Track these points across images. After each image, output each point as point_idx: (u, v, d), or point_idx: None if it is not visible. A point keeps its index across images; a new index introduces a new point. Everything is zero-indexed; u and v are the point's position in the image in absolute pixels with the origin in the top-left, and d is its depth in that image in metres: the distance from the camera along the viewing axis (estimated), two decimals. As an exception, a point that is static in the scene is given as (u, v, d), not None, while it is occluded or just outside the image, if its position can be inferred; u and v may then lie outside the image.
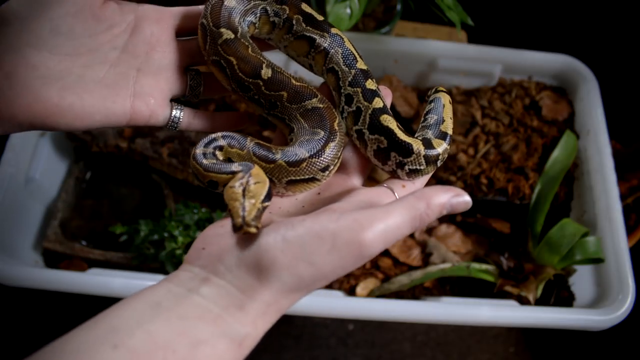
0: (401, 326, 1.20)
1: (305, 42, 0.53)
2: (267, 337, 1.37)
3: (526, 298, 0.90)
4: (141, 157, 1.04)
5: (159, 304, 0.37)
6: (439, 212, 0.41)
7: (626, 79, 1.32)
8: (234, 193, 0.42)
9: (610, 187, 0.95)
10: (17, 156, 0.96)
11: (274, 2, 0.53)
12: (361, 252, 0.38)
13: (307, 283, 0.38)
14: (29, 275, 0.85)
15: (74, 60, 0.46)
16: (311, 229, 0.38)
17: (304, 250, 0.38)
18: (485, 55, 1.07)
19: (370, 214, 0.39)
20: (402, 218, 0.39)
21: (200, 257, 0.40)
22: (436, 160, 0.49)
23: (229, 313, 0.37)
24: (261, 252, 0.38)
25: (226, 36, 0.49)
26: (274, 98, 0.50)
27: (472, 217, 1.03)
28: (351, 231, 0.38)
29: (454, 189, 0.42)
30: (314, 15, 0.53)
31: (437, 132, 0.51)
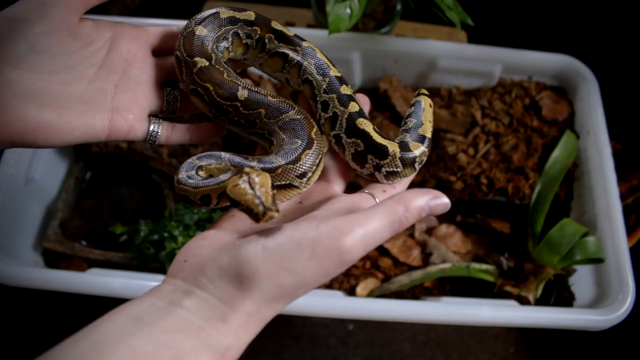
0: (401, 326, 1.20)
1: (279, 58, 0.55)
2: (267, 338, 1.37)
3: (526, 298, 0.90)
4: (141, 157, 1.04)
5: (142, 318, 0.37)
6: (417, 214, 0.41)
7: (626, 79, 1.32)
8: (241, 189, 0.42)
9: (610, 187, 0.95)
10: (17, 156, 0.97)
11: (244, 24, 0.55)
12: (341, 258, 0.39)
13: (288, 291, 0.39)
14: (29, 275, 0.86)
15: (52, 78, 0.46)
16: (291, 237, 0.39)
17: (285, 258, 0.38)
18: (485, 55, 1.07)
19: (350, 220, 0.39)
20: (382, 222, 0.40)
21: (183, 269, 0.41)
22: (413, 163, 0.50)
23: (211, 325, 0.38)
24: (242, 263, 0.38)
25: (200, 64, 0.50)
26: (253, 116, 0.51)
27: (472, 217, 1.03)
28: (331, 238, 0.38)
29: (432, 192, 0.42)
30: (285, 32, 0.55)
31: (415, 136, 0.51)
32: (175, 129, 0.54)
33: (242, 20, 0.55)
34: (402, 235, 1.03)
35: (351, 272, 0.99)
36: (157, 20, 1.02)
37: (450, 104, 1.08)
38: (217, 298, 0.38)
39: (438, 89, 1.11)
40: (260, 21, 0.55)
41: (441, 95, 1.10)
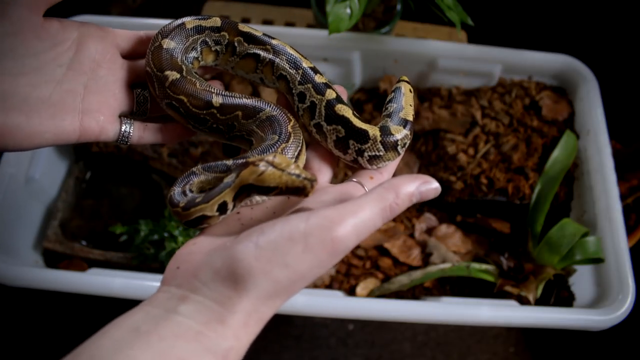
0: (401, 326, 1.20)
1: (251, 59, 0.55)
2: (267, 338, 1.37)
3: (526, 298, 0.90)
4: (141, 157, 1.04)
5: (138, 329, 0.36)
6: (408, 200, 0.41)
7: (626, 79, 1.32)
8: (271, 174, 0.42)
9: (610, 187, 0.95)
10: (17, 156, 0.97)
11: (211, 32, 0.55)
12: (335, 249, 0.38)
13: (285, 286, 0.38)
14: (29, 275, 0.85)
15: (19, 80, 0.45)
16: (282, 232, 0.38)
17: (278, 253, 0.38)
18: (485, 55, 1.07)
19: (341, 210, 0.39)
20: (373, 210, 0.40)
21: (176, 276, 0.40)
22: (395, 146, 0.50)
23: (209, 328, 0.37)
24: (235, 262, 0.38)
25: (172, 78, 0.50)
26: (230, 120, 0.51)
27: (472, 217, 1.03)
28: (322, 229, 0.38)
29: (422, 177, 0.42)
30: (253, 33, 0.55)
31: (396, 120, 0.52)
32: (147, 129, 0.53)
33: (209, 28, 0.55)
34: (402, 235, 1.03)
35: (351, 272, 0.99)
36: (158, 21, 1.02)
37: (450, 104, 1.08)
38: (213, 300, 0.38)
39: (438, 89, 1.11)
40: (228, 26, 0.55)
41: (441, 95, 1.10)
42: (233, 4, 1.26)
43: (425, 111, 1.08)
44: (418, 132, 1.09)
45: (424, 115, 1.07)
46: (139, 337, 0.35)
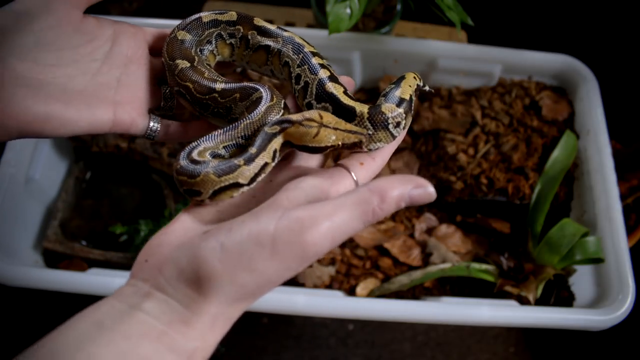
0: (401, 326, 1.20)
1: (262, 51, 0.56)
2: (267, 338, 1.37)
3: (526, 298, 0.90)
4: (141, 157, 1.04)
5: (102, 324, 0.35)
6: (395, 205, 0.38)
7: (626, 79, 1.32)
8: (325, 133, 0.43)
9: (610, 187, 0.95)
10: (17, 156, 0.97)
11: (226, 25, 0.56)
12: (305, 254, 0.36)
13: (251, 290, 0.37)
14: (29, 275, 0.85)
15: (58, 71, 0.47)
16: (250, 233, 0.37)
17: (244, 257, 0.36)
18: (485, 55, 1.07)
19: (315, 211, 0.37)
20: (352, 214, 0.37)
21: (143, 269, 0.39)
22: (385, 125, 0.47)
23: (173, 329, 0.36)
24: (199, 264, 0.36)
25: (181, 66, 0.51)
26: (229, 102, 0.51)
27: (472, 217, 1.03)
28: (292, 232, 0.36)
29: (415, 180, 0.39)
30: (267, 26, 0.56)
31: (391, 99, 0.49)
32: (173, 126, 0.54)
33: (225, 22, 0.55)
34: (402, 235, 1.03)
35: (351, 272, 0.99)
36: (157, 21, 1.02)
37: (450, 104, 1.08)
38: (178, 301, 0.37)
39: (438, 89, 1.11)
40: (243, 20, 0.56)
41: (441, 95, 1.10)
42: (233, 4, 1.26)
43: (425, 111, 1.08)
44: (418, 132, 1.09)
45: (424, 115, 1.07)
46: (102, 334, 0.35)
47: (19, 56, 0.46)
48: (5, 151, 0.95)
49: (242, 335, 1.18)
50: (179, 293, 0.37)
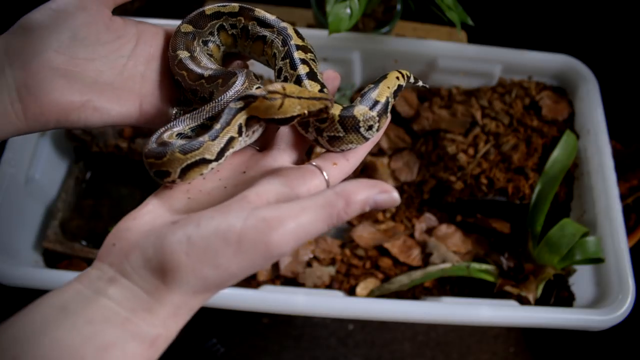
0: (401, 326, 1.20)
1: (260, 41, 0.56)
2: (267, 338, 1.37)
3: (526, 298, 0.90)
4: (141, 157, 1.04)
5: (66, 308, 0.36)
6: (360, 209, 0.40)
7: (626, 79, 1.32)
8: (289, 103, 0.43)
9: (610, 187, 0.95)
10: (17, 156, 0.97)
11: (228, 17, 0.57)
12: (269, 252, 0.37)
13: (215, 284, 0.38)
14: (29, 275, 0.86)
15: (90, 65, 0.51)
16: (217, 229, 0.38)
17: (209, 252, 0.37)
18: (485, 55, 1.07)
19: (281, 211, 0.38)
20: (317, 215, 0.38)
21: (110, 253, 0.40)
22: (357, 128, 0.47)
23: (137, 315, 0.37)
24: (166, 255, 0.37)
25: (181, 56, 0.53)
26: (213, 87, 0.52)
27: (472, 217, 1.03)
28: (258, 231, 0.37)
29: (380, 185, 0.40)
30: (266, 16, 0.57)
31: (365, 101, 0.48)
32: None
33: (227, 13, 0.57)
34: (402, 235, 1.03)
35: (351, 272, 0.99)
36: (157, 20, 1.02)
37: (450, 104, 1.08)
38: (142, 289, 0.38)
39: (438, 89, 1.11)
40: (244, 11, 0.57)
41: (441, 95, 1.10)
42: (233, 3, 1.26)
43: (425, 111, 1.08)
44: (418, 132, 1.09)
45: (424, 115, 1.07)
46: (66, 318, 0.36)
47: (57, 50, 0.49)
48: (5, 151, 0.95)
49: (242, 335, 1.18)
50: (143, 281, 0.38)
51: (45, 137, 1.03)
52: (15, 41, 0.48)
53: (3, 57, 0.48)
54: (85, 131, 1.03)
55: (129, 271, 0.38)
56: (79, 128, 0.52)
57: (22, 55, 0.48)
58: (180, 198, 0.45)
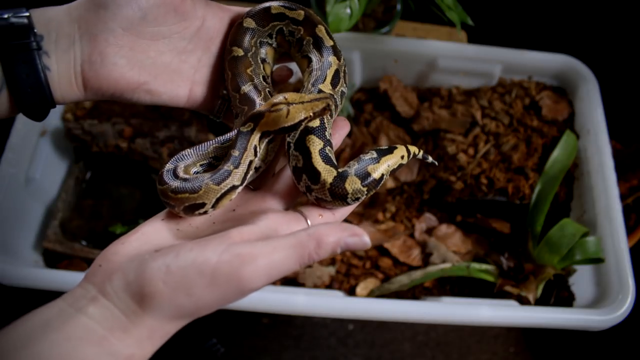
0: (401, 326, 1.20)
1: (306, 60, 0.57)
2: (267, 338, 1.36)
3: (526, 298, 0.90)
4: (141, 157, 1.04)
5: (48, 324, 0.38)
6: (331, 250, 0.41)
7: (626, 79, 1.32)
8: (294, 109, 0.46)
9: (610, 187, 0.95)
10: (17, 156, 0.96)
11: (290, 22, 0.57)
12: (241, 287, 0.39)
13: (188, 312, 0.40)
14: (29, 275, 0.86)
15: (152, 45, 0.52)
16: (194, 261, 0.39)
17: (185, 282, 0.39)
18: (485, 55, 1.07)
19: (255, 249, 0.40)
20: (288, 255, 0.40)
21: (96, 274, 0.42)
22: (344, 198, 0.48)
23: (113, 335, 0.39)
24: (145, 280, 0.39)
25: (234, 54, 0.54)
26: (239, 110, 0.53)
27: (472, 217, 1.03)
28: (232, 266, 0.39)
29: (351, 229, 0.42)
30: (324, 40, 0.56)
31: (361, 170, 0.49)
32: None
33: (291, 19, 0.57)
34: (402, 235, 1.03)
35: (351, 272, 0.99)
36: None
37: (450, 104, 1.08)
38: (120, 310, 0.39)
39: (438, 89, 1.11)
40: (307, 22, 0.57)
41: (441, 95, 1.10)
42: (233, 4, 1.26)
43: (425, 111, 1.08)
44: (418, 132, 1.09)
45: (424, 115, 1.07)
46: (46, 334, 0.37)
47: (126, 28, 0.50)
48: (5, 151, 0.95)
49: (242, 335, 1.18)
50: (122, 303, 0.40)
51: (45, 137, 1.03)
52: (87, 14, 0.49)
53: (75, 29, 0.49)
54: (85, 131, 1.03)
55: (110, 292, 0.40)
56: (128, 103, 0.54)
57: (92, 30, 0.49)
58: (170, 229, 0.46)
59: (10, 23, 0.47)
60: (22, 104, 0.49)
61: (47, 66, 0.48)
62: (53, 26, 0.49)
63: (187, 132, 1.04)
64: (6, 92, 0.48)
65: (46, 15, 0.49)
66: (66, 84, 0.50)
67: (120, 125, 1.04)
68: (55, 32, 0.49)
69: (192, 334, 1.14)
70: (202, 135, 1.04)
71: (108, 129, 1.04)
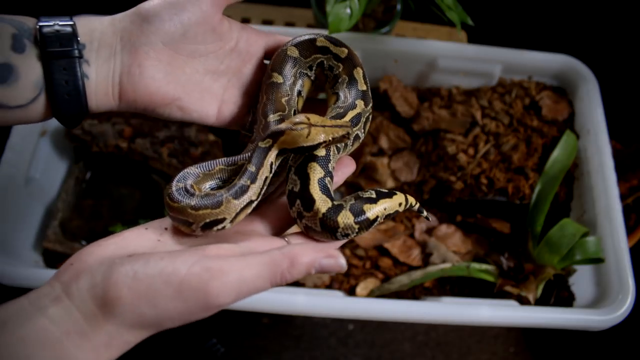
0: (401, 326, 1.20)
1: (335, 97, 0.58)
2: (267, 338, 1.37)
3: (526, 298, 0.90)
4: (141, 157, 1.04)
5: (6, 324, 0.37)
6: (305, 270, 0.40)
7: (626, 79, 1.32)
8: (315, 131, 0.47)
9: (610, 187, 0.95)
10: (17, 156, 0.96)
11: (332, 57, 0.58)
12: (207, 302, 0.38)
13: (151, 322, 0.39)
14: (29, 275, 0.85)
15: (188, 62, 0.53)
16: (163, 270, 0.38)
17: (150, 291, 0.38)
18: (485, 55, 1.07)
19: (226, 264, 0.38)
20: (260, 272, 0.39)
21: (65, 272, 0.41)
22: (334, 232, 0.47)
23: (69, 339, 0.37)
24: (110, 284, 0.38)
25: (273, 79, 0.55)
26: (258, 137, 0.53)
27: (472, 217, 1.03)
28: (200, 280, 0.38)
29: (327, 250, 0.41)
30: (358, 83, 0.57)
31: (356, 207, 0.48)
32: None
33: (333, 54, 0.58)
34: (402, 235, 1.03)
35: (351, 272, 0.99)
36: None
37: (450, 104, 1.08)
38: (81, 312, 0.38)
39: (438, 89, 1.11)
40: (348, 62, 0.58)
41: (441, 95, 1.10)
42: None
43: (425, 111, 1.08)
44: (418, 132, 1.09)
45: (424, 115, 1.07)
46: (3, 333, 0.37)
47: (166, 43, 0.51)
48: (5, 151, 0.95)
49: (242, 335, 1.18)
50: (84, 305, 0.38)
51: (45, 137, 1.03)
52: (131, 27, 0.50)
53: (117, 40, 0.50)
54: (85, 131, 1.03)
55: (74, 293, 0.39)
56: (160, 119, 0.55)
57: (134, 42, 0.50)
58: (151, 239, 0.46)
59: (55, 30, 0.48)
60: (57, 110, 0.49)
61: (86, 74, 0.49)
62: (96, 36, 0.50)
63: (187, 132, 1.04)
64: (44, 97, 0.48)
65: (90, 25, 0.50)
66: (102, 93, 0.50)
67: (120, 125, 1.04)
68: (98, 41, 0.50)
69: (192, 334, 1.14)
70: (202, 135, 1.04)
71: (108, 129, 1.04)
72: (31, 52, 0.47)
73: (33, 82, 0.48)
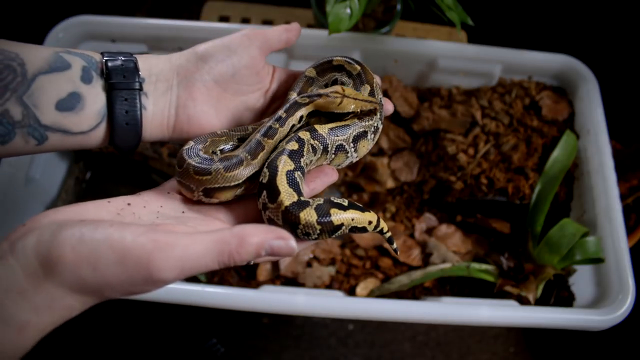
0: (401, 326, 1.20)
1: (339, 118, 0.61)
2: (267, 338, 1.37)
3: (526, 298, 0.90)
4: (141, 157, 1.04)
5: None
6: (254, 252, 0.39)
7: (626, 79, 1.32)
8: (347, 102, 0.53)
9: (610, 187, 0.95)
10: (17, 156, 0.96)
11: (345, 74, 0.61)
12: (149, 274, 0.37)
13: (90, 287, 0.38)
14: (29, 275, 0.85)
15: (232, 100, 0.58)
16: (110, 236, 0.38)
17: (93, 255, 0.37)
18: (485, 55, 1.07)
19: (173, 239, 0.38)
20: (206, 250, 0.38)
21: (17, 231, 0.41)
22: (294, 226, 0.46)
23: (9, 297, 0.37)
24: (55, 243, 0.38)
25: (289, 96, 0.59)
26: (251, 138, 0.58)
27: (472, 217, 1.03)
28: (143, 249, 0.37)
29: (278, 232, 0.40)
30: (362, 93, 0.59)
31: (322, 209, 0.47)
32: None
33: (347, 71, 0.61)
34: (402, 235, 1.03)
35: (351, 272, 0.99)
36: (159, 21, 1.02)
37: (450, 104, 1.08)
38: (23, 271, 0.38)
39: (438, 89, 1.11)
40: (358, 78, 0.60)
41: (441, 95, 1.10)
42: (233, 3, 1.26)
43: (425, 111, 1.08)
44: (418, 132, 1.09)
45: (424, 115, 1.07)
46: None
47: (218, 82, 0.56)
48: (5, 151, 0.95)
49: (242, 335, 1.18)
50: (27, 263, 0.38)
51: (45, 137, 1.03)
52: (187, 64, 0.56)
53: (174, 75, 0.56)
54: (85, 131, 1.03)
55: (19, 250, 0.38)
56: None
57: (190, 78, 0.55)
58: (111, 211, 0.46)
59: (119, 64, 0.53)
60: (116, 138, 0.53)
61: (144, 105, 0.54)
62: (154, 71, 0.55)
63: (187, 132, 1.04)
64: (105, 125, 0.53)
65: (148, 61, 0.55)
66: (157, 123, 0.55)
67: (120, 125, 1.04)
68: (156, 76, 0.55)
69: (192, 334, 1.14)
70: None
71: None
72: (97, 83, 0.52)
73: (96, 111, 0.52)
